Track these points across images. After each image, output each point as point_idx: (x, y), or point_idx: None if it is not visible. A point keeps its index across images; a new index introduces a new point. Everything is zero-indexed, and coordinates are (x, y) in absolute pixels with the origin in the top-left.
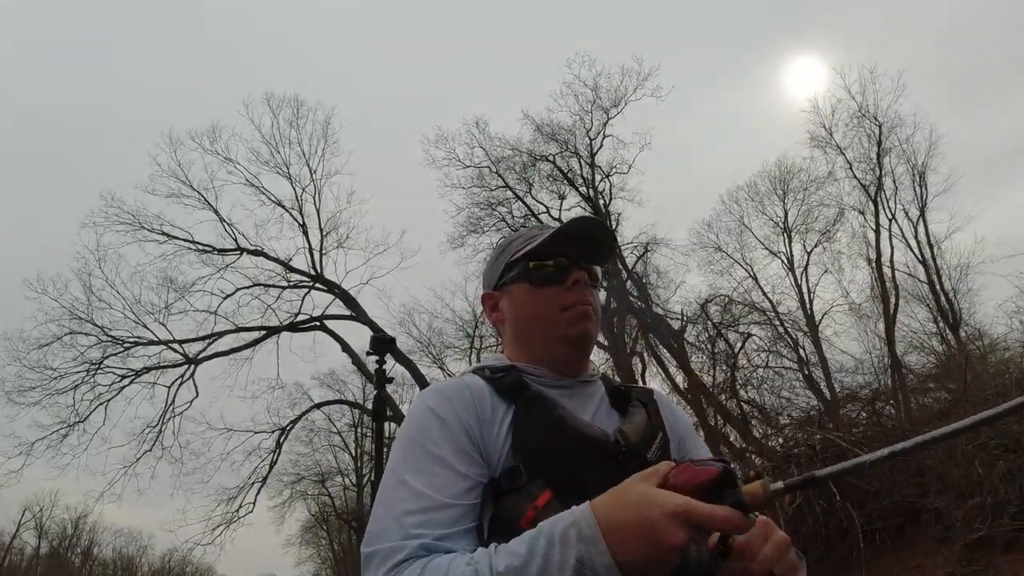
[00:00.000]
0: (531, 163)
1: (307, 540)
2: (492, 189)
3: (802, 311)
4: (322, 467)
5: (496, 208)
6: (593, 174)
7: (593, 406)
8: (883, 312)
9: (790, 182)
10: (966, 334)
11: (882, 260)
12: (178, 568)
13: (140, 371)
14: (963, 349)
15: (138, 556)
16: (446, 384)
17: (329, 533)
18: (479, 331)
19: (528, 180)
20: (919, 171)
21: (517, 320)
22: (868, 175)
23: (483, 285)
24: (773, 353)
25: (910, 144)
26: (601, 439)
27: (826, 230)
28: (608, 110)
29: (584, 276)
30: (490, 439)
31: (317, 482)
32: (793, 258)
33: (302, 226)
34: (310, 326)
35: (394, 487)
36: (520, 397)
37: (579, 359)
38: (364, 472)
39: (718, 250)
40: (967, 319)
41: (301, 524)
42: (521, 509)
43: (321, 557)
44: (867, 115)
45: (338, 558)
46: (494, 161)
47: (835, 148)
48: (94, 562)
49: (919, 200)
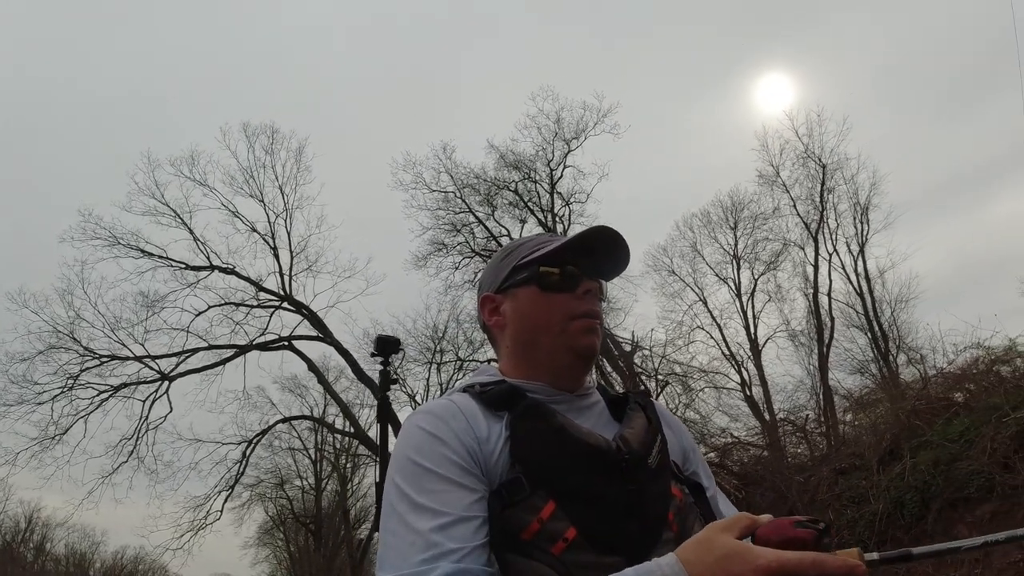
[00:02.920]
0: (495, 191)
1: (264, 542)
2: (456, 212)
3: (746, 335)
4: (281, 470)
5: (460, 230)
6: (553, 201)
7: (593, 417)
8: (817, 343)
9: (741, 212)
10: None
11: (820, 293)
12: (131, 566)
13: (118, 387)
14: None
15: (90, 552)
16: (435, 404)
17: (286, 535)
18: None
19: (491, 203)
20: (861, 208)
21: (522, 325)
22: (812, 212)
23: (482, 287)
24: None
25: (853, 182)
26: (603, 447)
27: (771, 261)
28: (569, 142)
29: (596, 287)
30: (489, 455)
31: (276, 485)
32: (741, 285)
33: (273, 249)
34: (279, 345)
35: (406, 511)
36: (515, 406)
37: (582, 372)
38: (323, 476)
39: (671, 273)
40: (906, 345)
41: (258, 526)
42: (525, 521)
43: (277, 558)
44: (812, 156)
45: (294, 559)
46: (459, 187)
47: (781, 186)
48: (47, 557)
49: (860, 236)
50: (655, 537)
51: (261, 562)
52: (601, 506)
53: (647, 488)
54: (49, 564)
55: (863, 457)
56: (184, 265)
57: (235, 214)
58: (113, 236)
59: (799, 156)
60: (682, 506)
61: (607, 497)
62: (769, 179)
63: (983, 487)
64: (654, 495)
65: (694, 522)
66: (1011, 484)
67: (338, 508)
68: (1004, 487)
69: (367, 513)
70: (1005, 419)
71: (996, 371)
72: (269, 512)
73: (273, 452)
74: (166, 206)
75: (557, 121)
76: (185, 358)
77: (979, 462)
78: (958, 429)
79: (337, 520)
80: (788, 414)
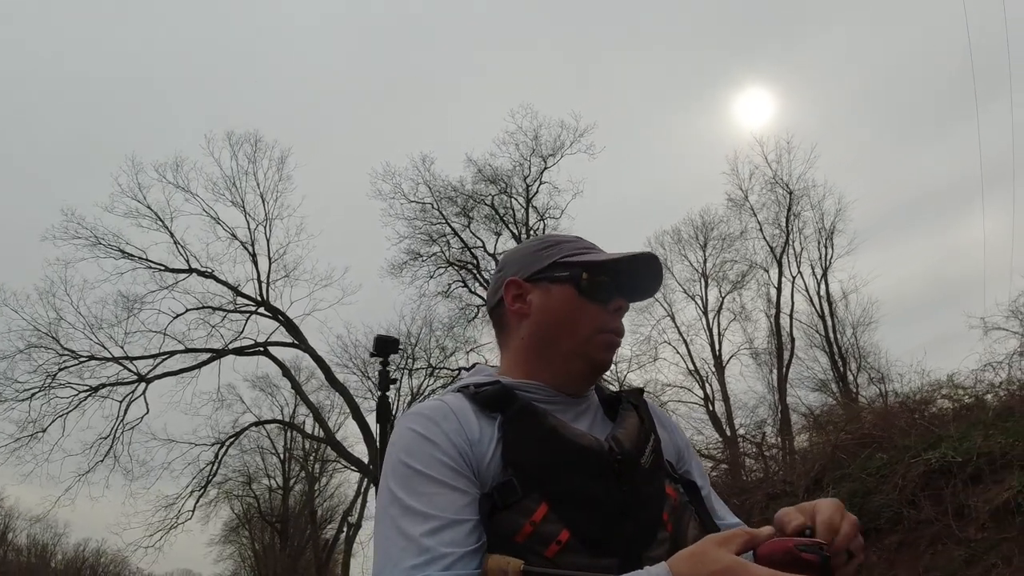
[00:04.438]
0: (472, 205)
1: (229, 539)
2: (433, 223)
3: (711, 352)
4: (250, 469)
5: (436, 240)
6: (528, 216)
7: (588, 418)
8: (777, 364)
9: (711, 232)
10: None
11: (783, 313)
12: (92, 558)
13: (96, 387)
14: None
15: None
16: (427, 406)
17: (252, 533)
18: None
19: (468, 215)
20: (826, 233)
21: (548, 320)
22: (778, 236)
23: (507, 270)
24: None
25: (820, 208)
26: (595, 448)
27: (737, 280)
28: (546, 158)
29: (626, 307)
30: (481, 457)
31: (244, 483)
32: (708, 302)
33: (252, 255)
34: (254, 351)
35: (399, 515)
36: (507, 408)
37: (589, 383)
38: (291, 476)
39: None
40: (868, 364)
41: (224, 523)
42: (518, 524)
43: (242, 556)
44: (780, 182)
45: (258, 557)
46: (437, 199)
47: (749, 210)
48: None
49: (823, 260)
50: (650, 537)
51: (225, 559)
52: (594, 508)
53: (641, 488)
54: (11, 554)
55: (793, 484)
56: (163, 267)
57: (216, 220)
58: (95, 236)
59: (767, 181)
60: (676, 505)
61: (600, 498)
62: (738, 202)
63: (892, 519)
64: (648, 495)
65: (688, 521)
66: (916, 519)
67: (304, 508)
68: (910, 521)
69: (334, 513)
70: (915, 459)
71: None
72: (236, 510)
73: (242, 451)
74: (148, 208)
75: (535, 138)
76: (162, 360)
77: (889, 497)
78: (876, 464)
79: (304, 520)
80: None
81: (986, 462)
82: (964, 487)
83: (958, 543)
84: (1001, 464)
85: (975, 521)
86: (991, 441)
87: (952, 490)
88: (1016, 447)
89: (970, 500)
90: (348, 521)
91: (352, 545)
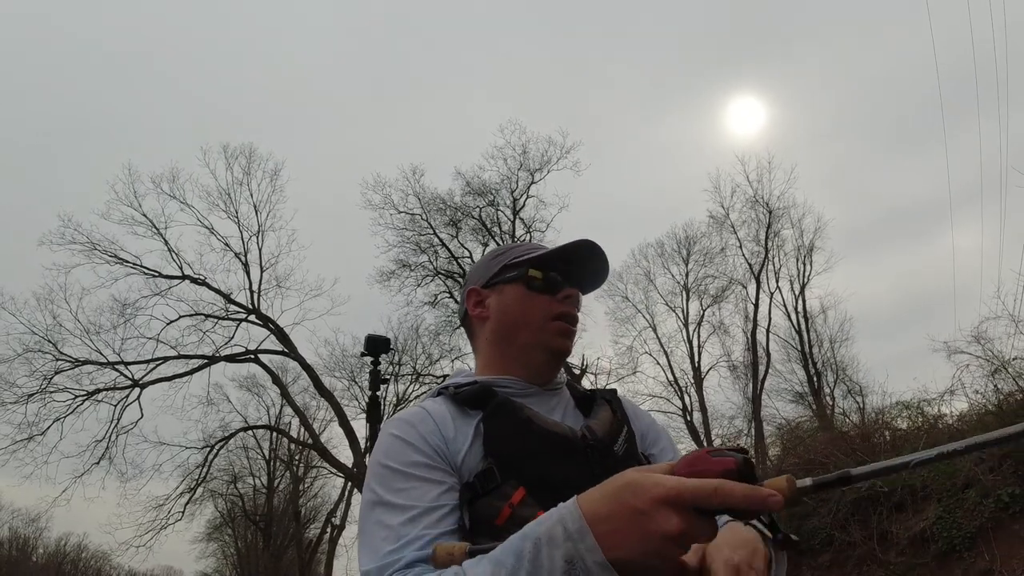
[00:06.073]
0: (461, 216)
1: (213, 537)
2: (421, 233)
3: (691, 364)
4: (235, 467)
5: (424, 251)
6: (515, 228)
7: (560, 409)
8: (752, 378)
9: (693, 246)
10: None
11: (760, 328)
12: (73, 553)
13: (92, 392)
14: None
15: (34, 538)
16: (406, 412)
17: (235, 531)
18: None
19: (456, 226)
20: (805, 250)
21: (504, 319)
22: (757, 253)
23: (469, 281)
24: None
25: (799, 226)
26: (568, 435)
27: (717, 295)
28: (534, 173)
29: (575, 294)
30: (456, 453)
31: (229, 482)
32: (688, 315)
33: (244, 265)
34: (245, 358)
35: (379, 510)
36: (486, 404)
37: (553, 370)
38: (276, 476)
39: (625, 299)
40: (847, 376)
41: (207, 521)
42: (497, 508)
43: (225, 554)
44: (760, 201)
45: (241, 556)
46: (426, 210)
47: (730, 228)
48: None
49: (801, 276)
50: None
51: (208, 557)
52: (568, 491)
53: (614, 473)
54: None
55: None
56: (157, 273)
57: (211, 230)
58: (91, 241)
59: (748, 200)
60: None
61: (574, 482)
62: (719, 220)
63: (824, 541)
64: None
65: None
66: (845, 541)
67: (288, 507)
68: (840, 543)
69: (317, 513)
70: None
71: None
72: (220, 508)
73: (228, 450)
74: (143, 216)
75: (523, 152)
76: (156, 365)
77: (824, 520)
78: None
79: (287, 519)
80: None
81: (909, 493)
82: (889, 514)
83: (880, 565)
84: (922, 496)
85: (896, 546)
86: (914, 474)
87: (878, 517)
88: (936, 481)
89: (892, 527)
90: (332, 522)
91: (335, 546)
